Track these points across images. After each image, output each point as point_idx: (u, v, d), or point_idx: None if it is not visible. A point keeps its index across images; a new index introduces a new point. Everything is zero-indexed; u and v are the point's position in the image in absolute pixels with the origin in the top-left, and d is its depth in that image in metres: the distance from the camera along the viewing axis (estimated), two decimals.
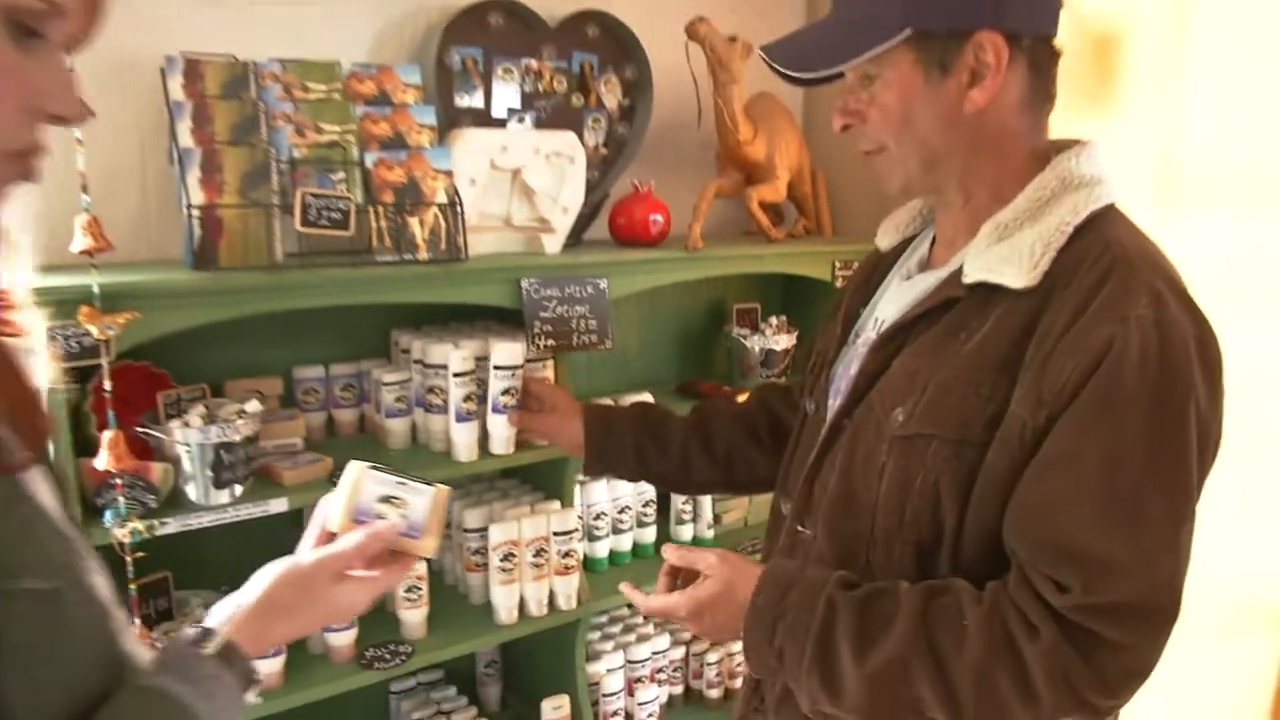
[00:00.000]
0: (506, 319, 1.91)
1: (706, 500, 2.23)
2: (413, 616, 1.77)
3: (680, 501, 2.19)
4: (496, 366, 1.67)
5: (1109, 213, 1.01)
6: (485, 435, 1.75)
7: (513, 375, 1.68)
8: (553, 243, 1.87)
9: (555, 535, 1.85)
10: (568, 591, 1.88)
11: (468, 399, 1.70)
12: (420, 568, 1.77)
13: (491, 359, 1.67)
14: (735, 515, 2.32)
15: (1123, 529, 0.90)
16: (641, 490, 2.11)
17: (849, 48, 1.03)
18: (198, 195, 1.50)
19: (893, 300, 1.16)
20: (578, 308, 1.81)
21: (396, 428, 1.79)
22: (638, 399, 1.98)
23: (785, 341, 2.29)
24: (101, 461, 1.38)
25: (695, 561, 1.14)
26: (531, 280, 1.76)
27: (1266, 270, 1.89)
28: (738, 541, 2.22)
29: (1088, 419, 0.92)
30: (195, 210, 1.49)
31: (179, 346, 1.57)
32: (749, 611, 1.05)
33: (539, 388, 1.69)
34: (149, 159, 1.70)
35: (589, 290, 1.83)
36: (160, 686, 0.73)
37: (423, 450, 1.79)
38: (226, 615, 0.88)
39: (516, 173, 1.80)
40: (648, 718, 2.13)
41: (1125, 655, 0.91)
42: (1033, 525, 0.94)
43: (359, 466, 1.04)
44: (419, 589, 1.76)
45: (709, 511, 2.23)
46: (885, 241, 1.30)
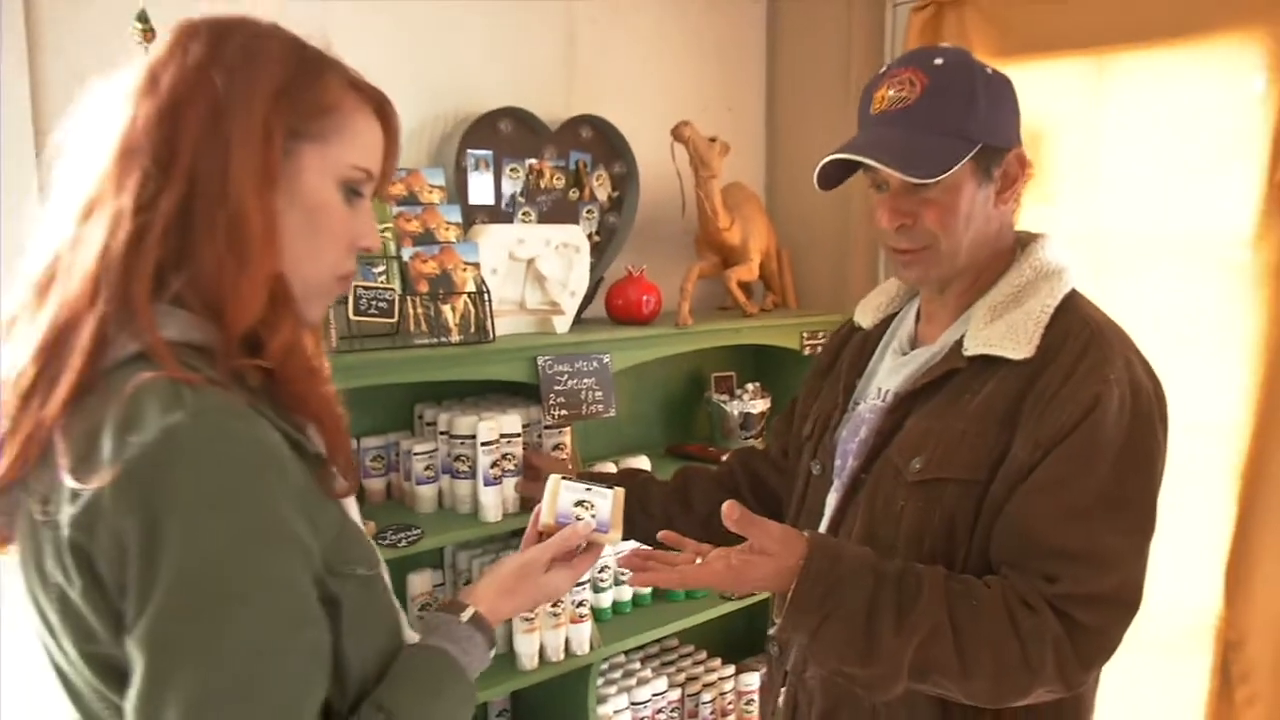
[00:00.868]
0: (518, 392, 2.12)
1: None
2: None
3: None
4: (503, 435, 1.90)
5: (1075, 295, 1.27)
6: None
7: (510, 442, 1.93)
8: (562, 323, 2.09)
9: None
10: (581, 638, 2.07)
11: (494, 465, 1.90)
12: None
13: (499, 428, 1.91)
14: None
15: (1101, 538, 1.15)
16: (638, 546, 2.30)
17: (950, 157, 1.21)
18: None
19: (893, 372, 1.38)
20: (586, 380, 2.04)
21: (426, 493, 1.97)
22: (633, 462, 2.21)
23: (761, 405, 2.53)
24: None
25: (754, 528, 1.21)
26: (546, 358, 1.98)
27: (1180, 324, 2.18)
28: None
29: (1075, 455, 1.16)
30: None
31: None
32: (802, 574, 1.16)
33: (538, 460, 1.92)
34: None
35: (594, 365, 2.06)
36: (434, 644, 1.00)
37: (449, 513, 1.98)
38: (470, 595, 1.12)
39: (530, 262, 2.03)
40: None
41: (1097, 637, 1.15)
42: (1027, 533, 1.17)
43: (555, 478, 1.29)
44: None
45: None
46: (867, 321, 1.52)
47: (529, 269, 2.04)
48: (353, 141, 0.93)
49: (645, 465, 2.30)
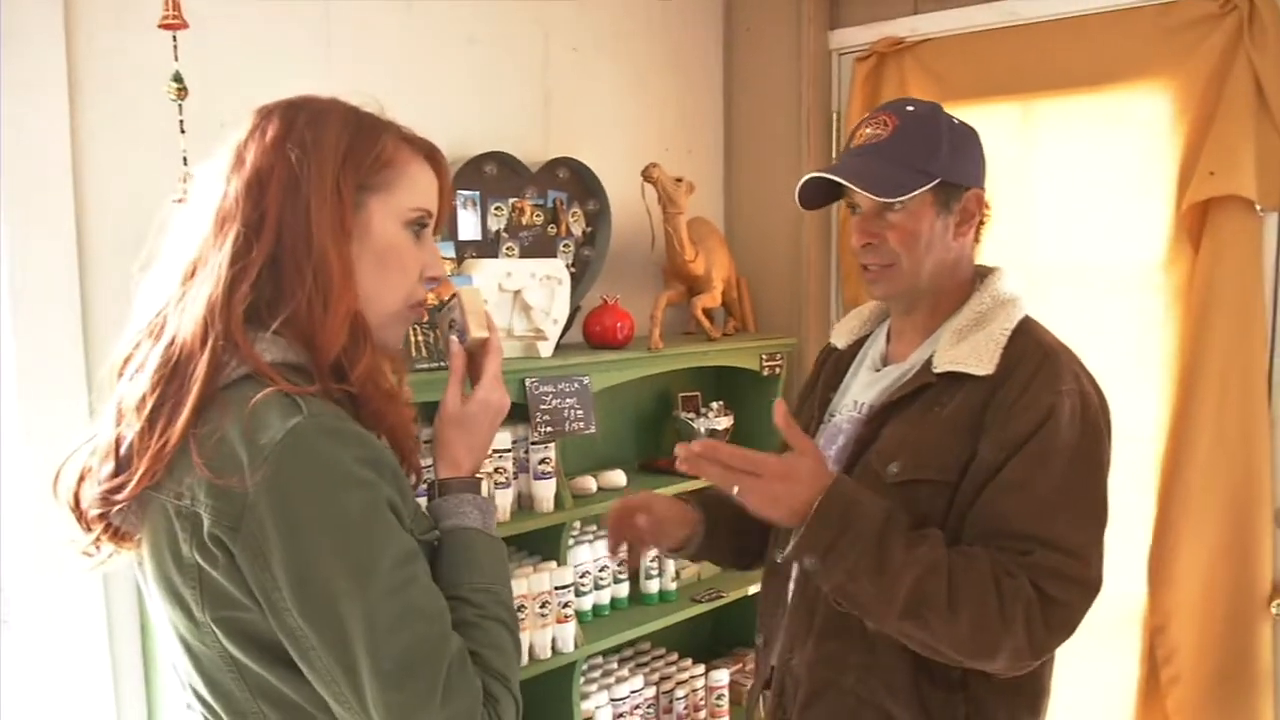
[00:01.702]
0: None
1: (670, 561, 2.63)
2: None
3: (647, 560, 2.58)
4: (494, 450, 2.09)
5: (1028, 320, 1.46)
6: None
7: (500, 457, 2.14)
8: (546, 348, 2.28)
9: (556, 589, 2.22)
10: (566, 637, 2.25)
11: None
12: None
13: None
14: (691, 571, 2.73)
15: (1063, 527, 1.31)
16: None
17: (911, 184, 1.40)
18: None
19: (869, 386, 1.55)
20: (568, 400, 2.23)
21: (422, 505, 2.15)
22: (610, 476, 2.46)
23: (724, 422, 2.73)
24: None
25: (796, 434, 1.35)
26: (533, 379, 2.17)
27: (1103, 342, 2.41)
28: (695, 591, 2.64)
29: (1036, 456, 1.32)
30: None
31: None
32: (828, 493, 1.28)
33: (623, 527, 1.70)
34: None
35: (576, 386, 2.25)
36: (467, 526, 1.16)
37: None
38: (450, 467, 1.22)
39: (518, 293, 2.22)
40: None
41: (1062, 610, 1.29)
42: (998, 524, 1.31)
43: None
44: None
45: (671, 567, 2.63)
46: (841, 342, 1.69)
47: (516, 299, 2.23)
48: (411, 187, 1.10)
49: (621, 480, 2.50)
